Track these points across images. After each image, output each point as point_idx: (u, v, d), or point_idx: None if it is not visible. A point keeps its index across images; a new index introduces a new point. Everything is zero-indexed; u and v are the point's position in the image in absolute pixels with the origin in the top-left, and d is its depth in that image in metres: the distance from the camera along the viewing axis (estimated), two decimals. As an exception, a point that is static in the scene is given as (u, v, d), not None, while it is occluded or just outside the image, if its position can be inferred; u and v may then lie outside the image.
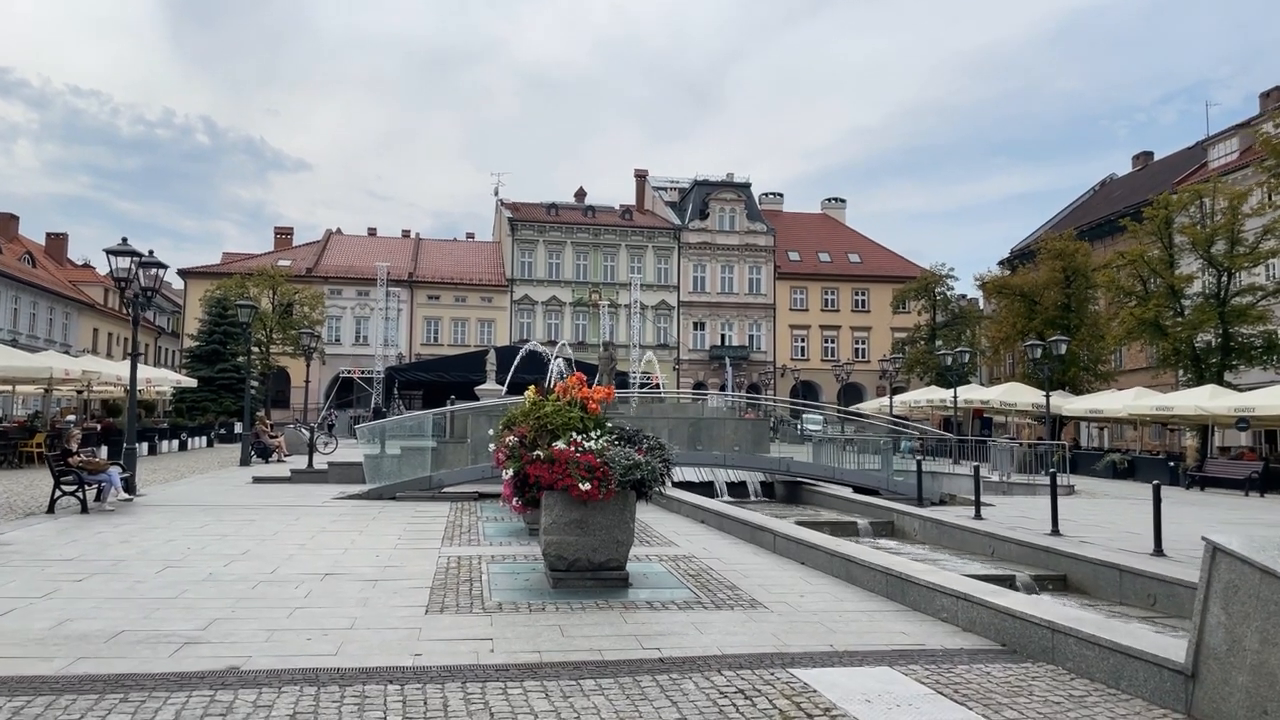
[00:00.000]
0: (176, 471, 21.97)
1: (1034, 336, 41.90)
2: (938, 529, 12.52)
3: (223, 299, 43.90)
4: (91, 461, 13.68)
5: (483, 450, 18.21)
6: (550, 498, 8.32)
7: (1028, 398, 35.51)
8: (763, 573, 9.22)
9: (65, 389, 29.77)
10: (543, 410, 8.76)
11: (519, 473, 8.49)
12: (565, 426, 8.57)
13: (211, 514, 13.39)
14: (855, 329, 67.38)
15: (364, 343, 59.09)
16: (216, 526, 12.02)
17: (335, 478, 18.99)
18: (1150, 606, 8.72)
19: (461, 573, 8.96)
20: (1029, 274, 43.77)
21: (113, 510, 13.43)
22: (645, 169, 74.48)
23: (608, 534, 8.33)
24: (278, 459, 26.01)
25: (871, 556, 8.56)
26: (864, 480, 18.15)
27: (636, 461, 8.28)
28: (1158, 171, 57.80)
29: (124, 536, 10.96)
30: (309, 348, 32.12)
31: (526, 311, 63.31)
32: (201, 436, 34.93)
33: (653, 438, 8.87)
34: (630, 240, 65.35)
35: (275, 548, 10.30)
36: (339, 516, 13.45)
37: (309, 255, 62.58)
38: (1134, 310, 33.80)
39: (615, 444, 8.60)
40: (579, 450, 8.32)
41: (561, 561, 8.31)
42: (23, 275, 51.16)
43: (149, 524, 12.15)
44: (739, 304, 66.36)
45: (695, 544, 11.00)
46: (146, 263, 15.61)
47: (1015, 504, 18.07)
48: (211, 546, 10.30)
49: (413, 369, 49.30)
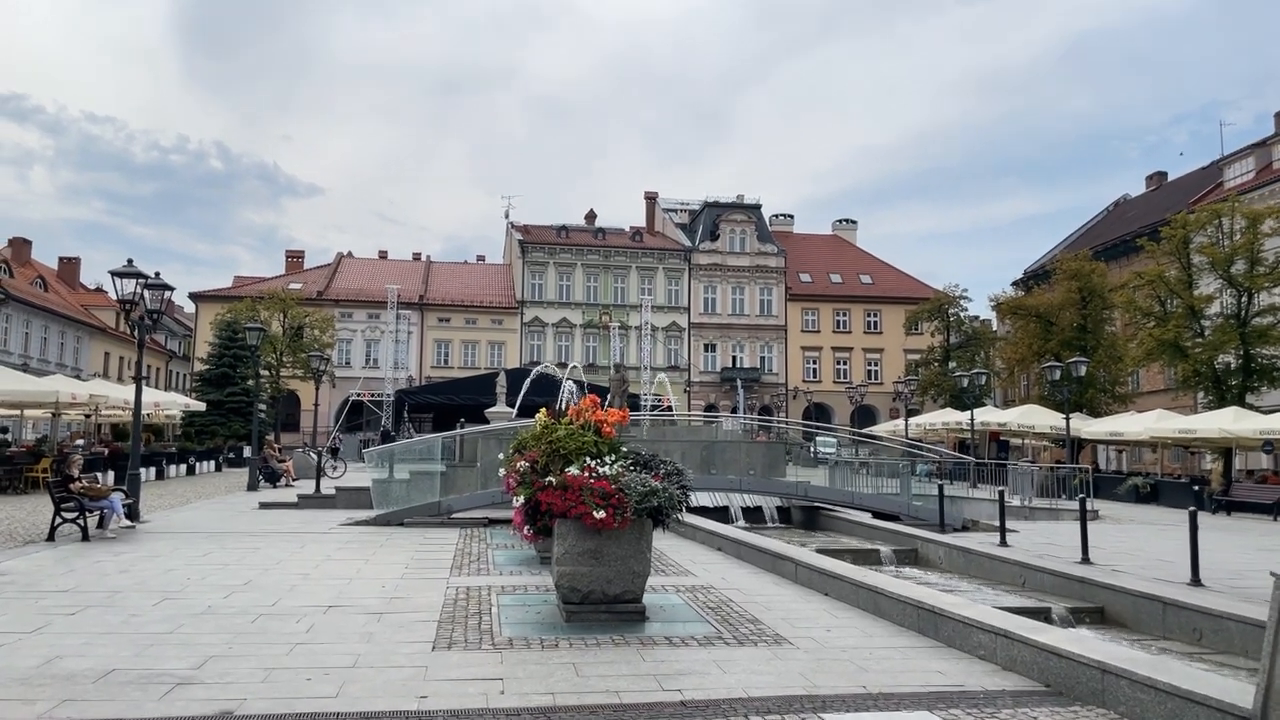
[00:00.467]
0: (183, 497, 21.67)
1: (1050, 358, 41.53)
2: (964, 557, 12.06)
3: (233, 322, 43.77)
4: (93, 488, 13.38)
5: (493, 475, 17.84)
6: (563, 526, 7.95)
7: (1046, 420, 34.97)
8: (786, 605, 8.81)
9: (73, 413, 29.57)
10: (555, 434, 8.42)
11: (530, 500, 8.13)
12: (579, 451, 8.22)
13: (215, 541, 13.06)
14: (868, 350, 66.90)
15: (374, 365, 58.92)
16: (219, 555, 11.69)
17: (343, 503, 18.66)
18: (1196, 642, 8.27)
19: (470, 605, 8.58)
20: (1045, 294, 43.31)
21: (114, 538, 13.12)
22: (655, 191, 74.45)
23: (623, 564, 7.95)
24: (286, 483, 25.70)
25: (901, 588, 8.16)
26: (884, 505, 17.68)
27: (653, 488, 7.92)
28: (1172, 192, 57.38)
29: (123, 566, 10.63)
30: (319, 370, 31.89)
31: (537, 334, 63.09)
32: (210, 461, 34.66)
33: (670, 462, 8.50)
34: (641, 262, 65.18)
35: (278, 578, 9.95)
36: (345, 544, 13.09)
37: (320, 278, 62.59)
38: (1153, 331, 33.30)
39: (631, 469, 8.25)
40: (593, 476, 7.97)
41: (575, 594, 7.93)
42: (34, 299, 51.18)
43: (150, 552, 11.82)
44: (750, 325, 66.01)
45: (713, 573, 10.60)
46: (152, 284, 15.38)
47: (1039, 530, 17.58)
48: (212, 576, 9.96)
49: (422, 392, 49.09)
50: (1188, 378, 33.85)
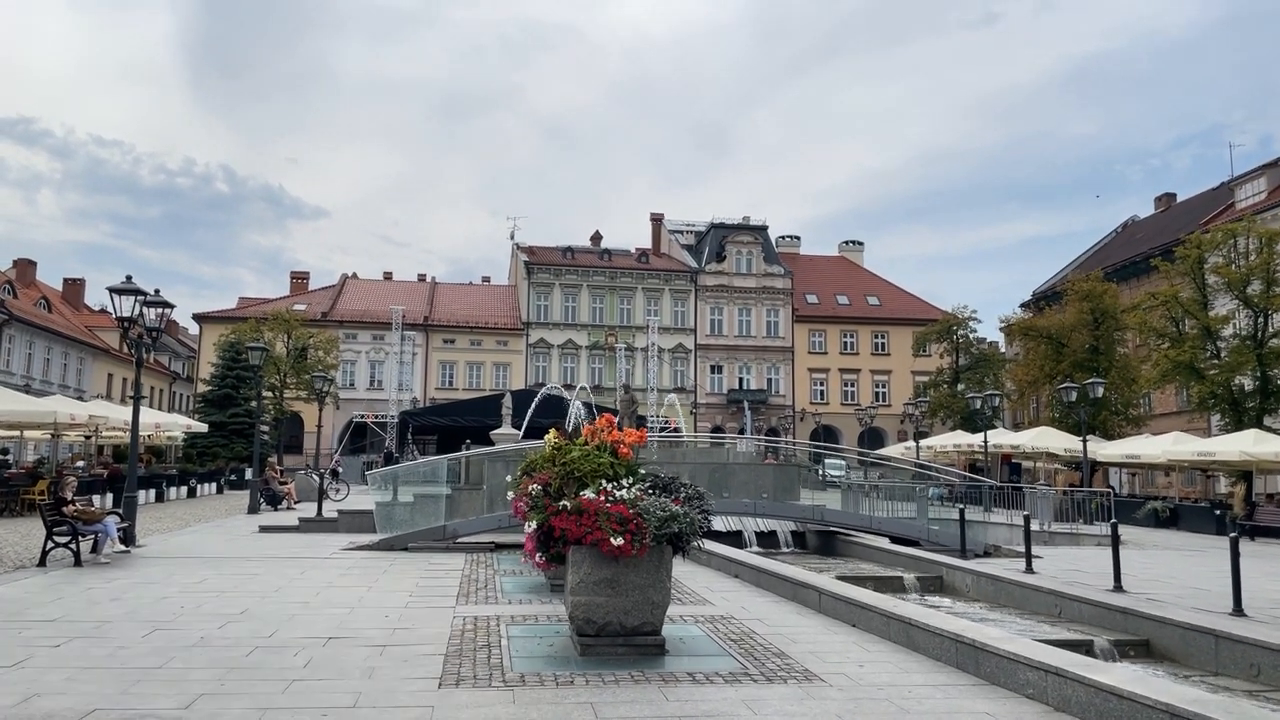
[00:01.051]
0: (182, 520, 21.20)
1: (1062, 379, 41.03)
2: (993, 585, 11.54)
3: (236, 343, 43.46)
4: (86, 511, 12.93)
5: (499, 498, 17.41)
6: (578, 554, 7.49)
7: (1060, 442, 34.37)
8: (812, 637, 8.32)
9: (72, 434, 29.20)
10: (569, 455, 7.97)
11: (543, 525, 7.67)
12: (594, 474, 7.77)
13: (212, 567, 12.59)
14: (875, 372, 66.40)
15: (378, 387, 58.55)
16: (216, 581, 11.22)
17: (345, 527, 18.19)
18: (1253, 678, 7.75)
19: (479, 636, 8.10)
20: (1056, 316, 42.83)
21: (108, 563, 12.65)
22: (661, 213, 74.30)
23: (641, 594, 7.48)
24: (287, 506, 25.22)
25: (937, 620, 7.67)
26: (902, 530, 17.16)
27: (673, 512, 7.46)
28: (1181, 213, 57.07)
29: (115, 593, 10.17)
30: (322, 392, 31.49)
31: (542, 355, 62.73)
32: (211, 483, 34.21)
33: (690, 485, 8.05)
34: (647, 283, 64.90)
35: (276, 606, 9.47)
36: (348, 570, 12.61)
37: (324, 299, 62.37)
38: (1168, 352, 32.80)
39: (649, 493, 7.80)
40: (609, 500, 7.52)
41: (590, 625, 7.46)
42: (38, 320, 50.99)
43: (144, 578, 11.35)
44: (757, 347, 65.60)
45: (732, 602, 10.10)
46: (152, 301, 15.00)
47: (1062, 555, 17.04)
48: (208, 605, 9.49)
49: (427, 413, 48.56)
50: (1204, 399, 33.33)
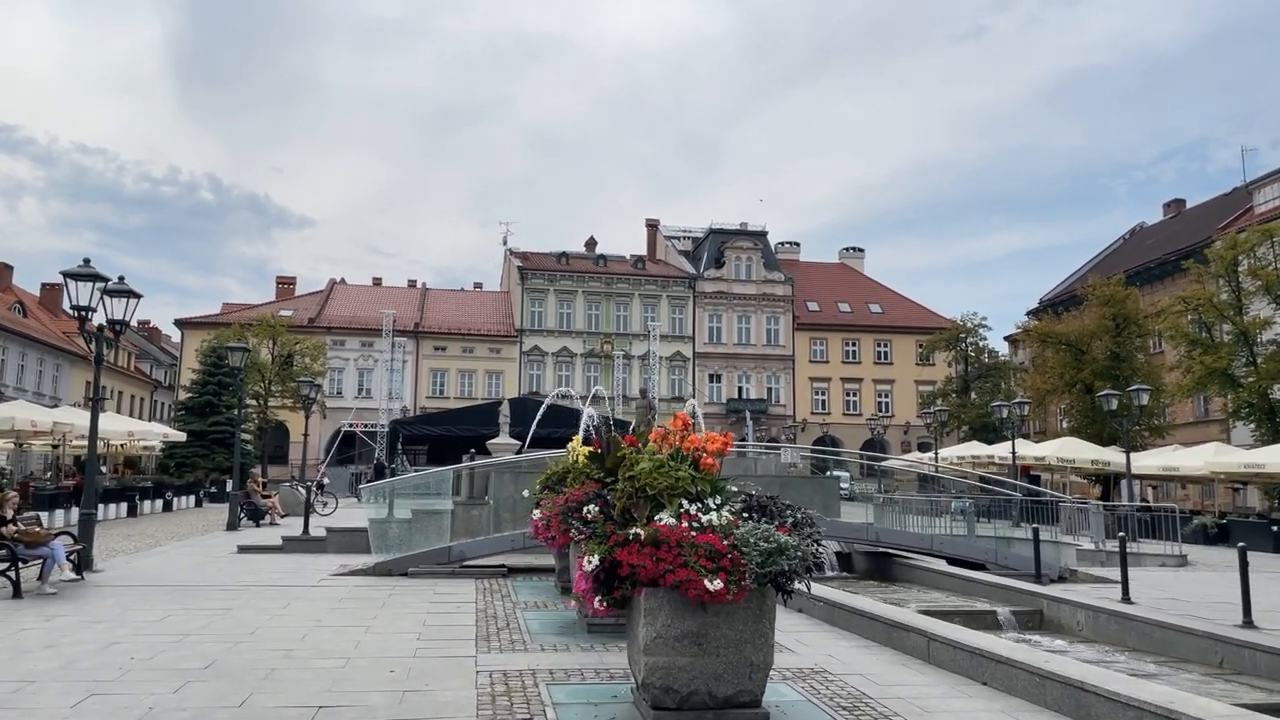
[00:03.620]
0: (152, 538, 19.18)
1: (1081, 388, 39.39)
2: (1118, 624, 9.65)
3: (218, 348, 41.32)
4: (29, 532, 10.94)
5: (508, 515, 15.47)
6: (653, 599, 5.61)
7: (1085, 453, 32.69)
8: (941, 703, 6.46)
9: (38, 443, 27.12)
10: (637, 467, 6.08)
11: (606, 560, 5.77)
12: (671, 491, 5.90)
13: (178, 598, 10.63)
14: (878, 381, 64.73)
15: (367, 395, 56.51)
16: (179, 620, 9.27)
17: (335, 546, 16.25)
18: None
19: (515, 706, 6.20)
20: (1075, 321, 41.20)
21: (54, 594, 10.68)
22: (656, 218, 72.60)
23: (737, 653, 5.61)
24: (271, 521, 23.21)
25: (1125, 686, 5.83)
26: (969, 552, 15.28)
27: (782, 544, 5.59)
28: (1193, 218, 55.82)
29: (52, 636, 8.23)
30: (309, 398, 29.47)
31: (536, 363, 60.81)
32: (189, 495, 32.09)
33: (797, 508, 6.18)
34: (644, 289, 63.11)
35: (252, 656, 7.55)
36: (340, 602, 10.67)
37: (312, 305, 60.32)
38: (1203, 359, 31.20)
39: (743, 517, 5.94)
40: (694, 527, 5.67)
41: (670, 695, 5.58)
42: (11, 325, 48.77)
43: (93, 615, 9.39)
44: (756, 355, 63.87)
45: (816, 650, 8.22)
46: (114, 290, 13.06)
47: (1137, 579, 15.20)
48: (165, 654, 7.56)
49: (418, 422, 46.55)
50: (1238, 409, 31.76)
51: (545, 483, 12.08)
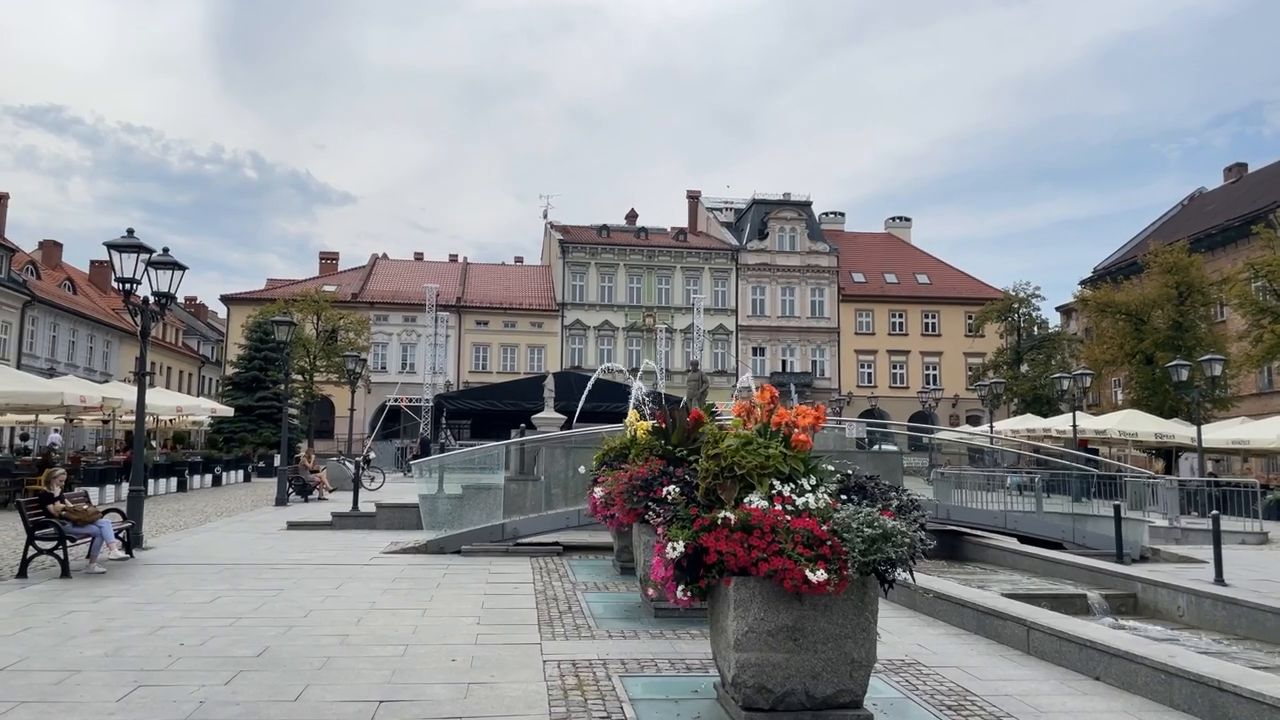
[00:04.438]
0: (202, 513, 19.08)
1: (1141, 359, 38.07)
2: (1225, 610, 8.95)
3: (264, 323, 41.39)
4: (78, 509, 10.69)
5: (559, 491, 15.05)
6: (743, 590, 5.08)
7: (1149, 427, 31.60)
8: (1056, 700, 5.88)
9: (88, 419, 27.25)
10: (723, 444, 5.52)
11: (690, 546, 5.24)
12: (761, 471, 5.34)
13: (229, 578, 10.33)
14: (926, 354, 63.45)
15: (410, 370, 56.50)
16: (231, 600, 8.95)
17: (385, 523, 15.96)
18: None
19: (589, 700, 5.73)
20: (1135, 290, 39.79)
21: (104, 573, 10.45)
22: (697, 190, 71.53)
23: (837, 649, 5.08)
24: (319, 496, 23.09)
25: (1264, 684, 5.21)
26: (1046, 530, 14.65)
27: (887, 529, 5.02)
28: (1256, 182, 53.62)
29: (99, 620, 7.92)
30: (354, 373, 29.25)
31: (578, 337, 60.41)
32: (238, 470, 32.20)
33: (902, 490, 5.60)
34: (686, 262, 62.29)
35: (306, 642, 7.17)
36: (393, 582, 10.30)
37: (354, 280, 60.38)
38: (1274, 327, 29.85)
39: (841, 499, 5.38)
40: (790, 511, 5.12)
41: (764, 695, 5.06)
42: (61, 301, 49.35)
43: (143, 596, 9.11)
44: (801, 328, 62.85)
45: (904, 639, 7.66)
46: (159, 263, 12.74)
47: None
48: (216, 640, 7.20)
49: (463, 397, 46.39)
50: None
51: (603, 459, 11.63)
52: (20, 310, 44.43)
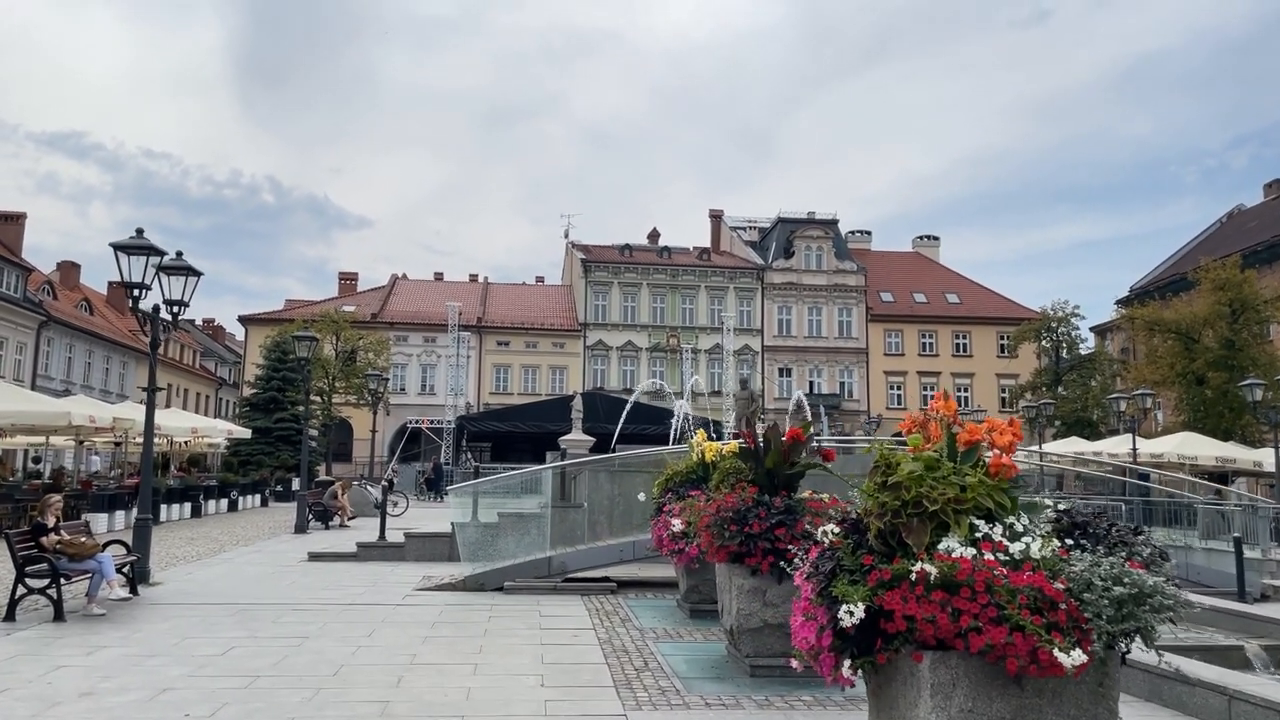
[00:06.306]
0: (217, 542, 17.80)
1: (1192, 379, 36.45)
2: None
3: (282, 343, 40.36)
4: (74, 542, 9.42)
5: (604, 522, 13.73)
6: (943, 670, 3.72)
7: (1208, 450, 29.92)
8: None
9: (100, 440, 26.10)
10: (901, 470, 4.16)
11: (870, 606, 3.87)
12: (957, 506, 3.99)
13: (245, 622, 9.02)
14: (957, 375, 61.70)
15: (430, 392, 55.37)
16: (247, 653, 7.62)
17: (414, 554, 14.64)
18: None
19: (716, 808, 4.36)
20: (1184, 307, 38.20)
21: (103, 615, 9.15)
22: (720, 209, 70.44)
23: (1070, 751, 3.71)
24: (340, 523, 21.82)
25: None
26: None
27: (1145, 588, 3.67)
28: (1298, 198, 52.07)
29: (92, 679, 6.61)
30: (375, 392, 28.10)
31: (600, 357, 59.12)
32: (255, 495, 30.99)
33: (1145, 535, 4.25)
34: (710, 281, 61.00)
35: (337, 714, 5.84)
36: (432, 628, 8.95)
37: (374, 301, 59.40)
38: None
39: (1067, 545, 4.02)
40: (1006, 560, 3.77)
41: (975, 816, 3.69)
42: (78, 322, 48.53)
43: (144, 648, 7.79)
44: (828, 348, 61.34)
45: None
46: (171, 266, 11.54)
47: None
48: (229, 710, 5.88)
49: (485, 418, 45.22)
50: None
51: (666, 484, 10.31)
52: (36, 330, 43.57)
